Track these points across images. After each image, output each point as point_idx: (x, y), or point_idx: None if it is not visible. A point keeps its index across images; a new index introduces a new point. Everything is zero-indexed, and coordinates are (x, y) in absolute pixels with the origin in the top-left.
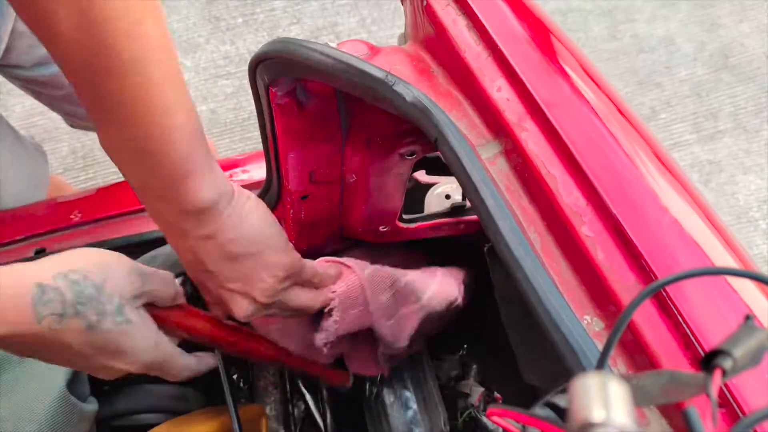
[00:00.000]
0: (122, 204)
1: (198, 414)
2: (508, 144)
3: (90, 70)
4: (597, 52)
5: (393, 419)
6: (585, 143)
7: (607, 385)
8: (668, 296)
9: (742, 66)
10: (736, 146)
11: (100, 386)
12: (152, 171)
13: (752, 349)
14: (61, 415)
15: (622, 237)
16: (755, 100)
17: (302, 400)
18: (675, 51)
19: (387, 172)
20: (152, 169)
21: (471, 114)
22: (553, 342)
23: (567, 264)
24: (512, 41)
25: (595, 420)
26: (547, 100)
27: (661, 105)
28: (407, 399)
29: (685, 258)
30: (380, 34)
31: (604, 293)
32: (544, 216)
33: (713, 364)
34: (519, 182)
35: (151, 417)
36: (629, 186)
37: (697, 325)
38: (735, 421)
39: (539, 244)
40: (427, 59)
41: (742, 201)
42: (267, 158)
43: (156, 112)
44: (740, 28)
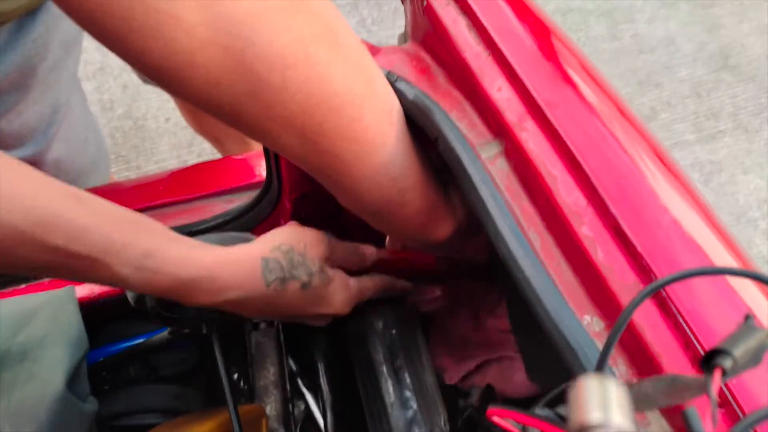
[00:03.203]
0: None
1: (198, 414)
2: (508, 144)
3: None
4: (597, 52)
5: (393, 419)
6: (585, 143)
7: (605, 387)
8: (668, 296)
9: (742, 66)
10: (737, 146)
11: (100, 386)
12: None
13: (752, 348)
14: (60, 414)
15: (622, 237)
16: (755, 100)
17: (302, 400)
18: (675, 51)
19: None
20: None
21: (471, 114)
22: (553, 342)
23: (567, 264)
24: (513, 41)
25: (593, 422)
26: (547, 100)
27: (661, 105)
28: (407, 399)
29: (685, 258)
30: (380, 34)
31: (604, 293)
32: (543, 216)
33: (713, 363)
34: (519, 182)
35: (151, 417)
36: (629, 186)
37: (697, 324)
38: (735, 421)
39: (539, 244)
40: (427, 59)
41: (742, 201)
42: (267, 158)
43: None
44: (740, 29)
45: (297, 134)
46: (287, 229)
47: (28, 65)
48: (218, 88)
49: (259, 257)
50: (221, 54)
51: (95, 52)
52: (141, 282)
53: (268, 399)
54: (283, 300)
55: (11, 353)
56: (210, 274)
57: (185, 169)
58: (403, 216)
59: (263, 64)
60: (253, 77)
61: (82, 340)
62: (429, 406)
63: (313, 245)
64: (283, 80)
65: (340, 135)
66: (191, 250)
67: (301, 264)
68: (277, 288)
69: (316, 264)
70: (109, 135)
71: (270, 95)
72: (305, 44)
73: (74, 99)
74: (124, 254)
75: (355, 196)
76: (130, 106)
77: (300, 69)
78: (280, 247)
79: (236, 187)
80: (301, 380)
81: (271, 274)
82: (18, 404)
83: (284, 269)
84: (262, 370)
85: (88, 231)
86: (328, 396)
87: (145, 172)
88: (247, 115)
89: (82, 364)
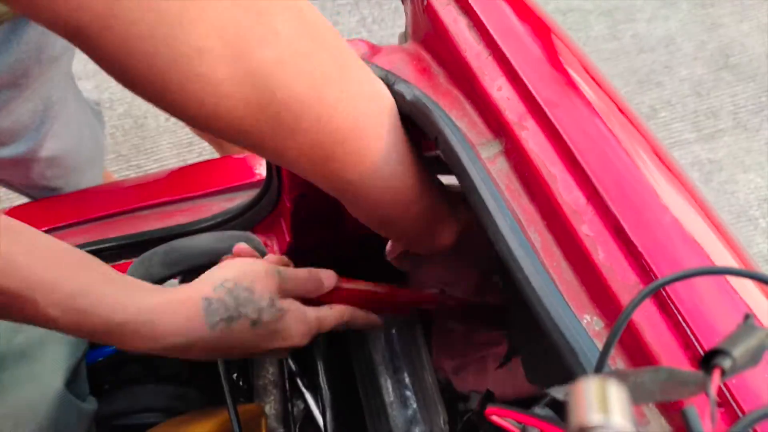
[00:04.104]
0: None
1: (198, 414)
2: (508, 143)
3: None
4: (597, 51)
5: (393, 418)
6: (585, 142)
7: (606, 388)
8: (668, 296)
9: (742, 65)
10: (737, 145)
11: (99, 386)
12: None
13: (752, 348)
14: (60, 414)
15: (622, 236)
16: (755, 99)
17: (302, 399)
18: (675, 50)
19: None
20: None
21: (471, 113)
22: (552, 342)
23: (567, 263)
24: (513, 41)
25: (593, 423)
26: (547, 99)
27: (661, 104)
28: (407, 398)
29: (686, 257)
30: (381, 34)
31: (604, 293)
32: (544, 215)
33: (713, 363)
34: (519, 182)
35: (151, 416)
36: (630, 185)
37: (697, 324)
38: (734, 421)
39: (539, 243)
40: (428, 58)
41: (742, 200)
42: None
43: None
44: (740, 28)
45: (309, 161)
46: (231, 265)
47: (20, 66)
48: (242, 123)
49: (200, 298)
50: (243, 104)
51: None
52: (70, 324)
53: (267, 398)
54: (232, 340)
55: (11, 353)
56: (145, 318)
57: (185, 168)
58: (408, 224)
59: (282, 108)
60: (271, 119)
61: (82, 339)
62: (428, 406)
63: (260, 278)
64: (297, 120)
65: (348, 161)
66: (126, 291)
67: (248, 300)
68: (223, 329)
69: (265, 298)
70: (110, 134)
71: (286, 131)
72: (318, 86)
73: (68, 96)
74: (52, 293)
75: (362, 209)
76: (130, 105)
77: (313, 109)
78: (224, 284)
79: (236, 186)
80: (300, 380)
81: (214, 315)
82: (18, 404)
83: (229, 308)
84: (261, 370)
85: (15, 266)
86: (327, 395)
87: (145, 171)
88: (263, 144)
89: (82, 363)
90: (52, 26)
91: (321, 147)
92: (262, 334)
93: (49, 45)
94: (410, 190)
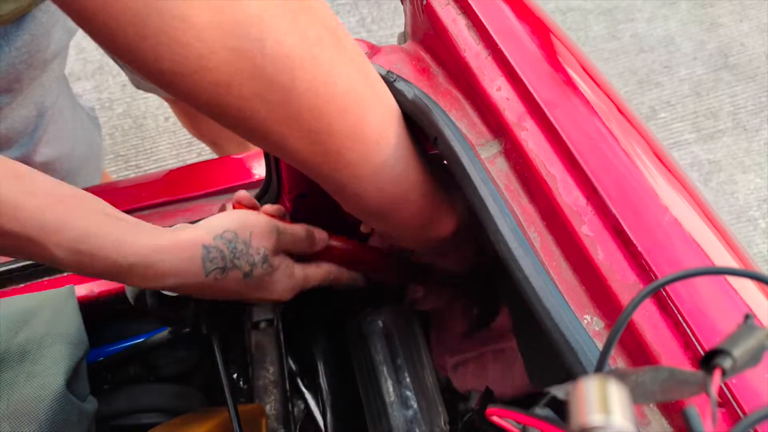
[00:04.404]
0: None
1: (198, 413)
2: (507, 143)
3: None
4: (597, 51)
5: (393, 418)
6: (585, 143)
7: (607, 388)
8: (668, 296)
9: (741, 65)
10: (736, 145)
11: (99, 385)
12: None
13: (752, 348)
14: (60, 414)
15: (622, 236)
16: (755, 100)
17: (302, 399)
18: (675, 50)
19: None
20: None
21: (471, 113)
22: (553, 342)
23: (567, 263)
24: (512, 40)
25: (594, 423)
26: (547, 99)
27: (660, 104)
28: (407, 398)
29: (686, 257)
30: (380, 34)
31: (604, 293)
32: (543, 215)
33: (713, 363)
34: (519, 182)
35: (151, 416)
36: (629, 185)
37: (697, 324)
38: (735, 421)
39: (539, 243)
40: (427, 58)
41: (741, 200)
42: (266, 157)
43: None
44: (740, 28)
45: (303, 136)
46: (234, 215)
47: (12, 71)
48: (228, 90)
49: (200, 245)
50: (232, 56)
51: (95, 52)
52: (76, 264)
53: (267, 398)
54: (223, 286)
55: (11, 353)
56: (147, 261)
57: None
58: (404, 216)
59: (272, 64)
60: (262, 78)
61: (82, 339)
62: (429, 406)
63: (258, 234)
64: (292, 80)
65: (345, 135)
66: (129, 233)
67: (243, 254)
68: (216, 276)
69: (260, 253)
70: (109, 134)
71: (278, 96)
72: (310, 45)
73: (62, 102)
74: (58, 235)
75: (357, 198)
76: (129, 105)
77: (307, 69)
78: (224, 234)
79: (235, 186)
80: (300, 380)
81: (211, 263)
82: (18, 404)
83: (225, 259)
84: (261, 370)
85: (22, 209)
86: (327, 395)
87: (144, 171)
88: (254, 119)
89: (82, 363)
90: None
91: (317, 117)
92: (251, 285)
93: (40, 50)
94: (412, 181)
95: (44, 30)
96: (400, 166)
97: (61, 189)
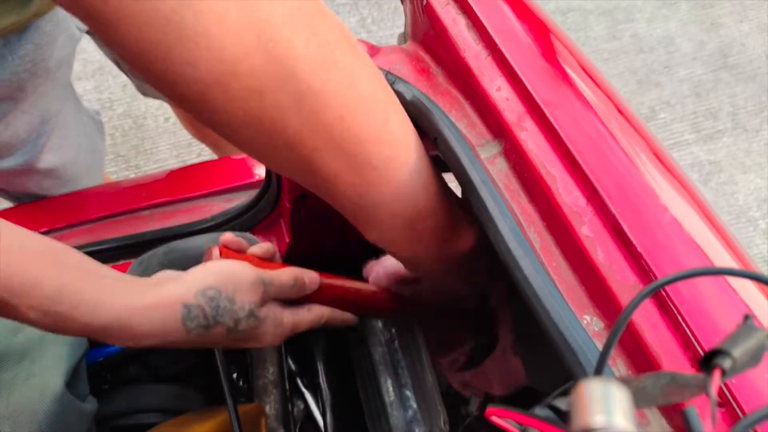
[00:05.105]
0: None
1: (198, 413)
2: (507, 144)
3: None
4: (597, 51)
5: (393, 418)
6: (585, 143)
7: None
8: (668, 296)
9: (741, 65)
10: (736, 146)
11: (99, 386)
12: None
13: (752, 348)
14: (60, 414)
15: (622, 237)
16: (755, 100)
17: (302, 399)
18: (675, 51)
19: None
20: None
21: (470, 114)
22: (552, 342)
23: (567, 264)
24: (512, 41)
25: (596, 425)
26: (546, 99)
27: (660, 104)
28: (407, 398)
29: (685, 258)
30: (380, 34)
31: (604, 293)
32: (543, 216)
33: (713, 364)
34: (518, 182)
35: (151, 416)
36: (629, 186)
37: (696, 325)
38: (735, 421)
39: (539, 244)
40: (427, 59)
41: (741, 201)
42: None
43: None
44: (740, 28)
45: (335, 146)
46: (218, 267)
47: (16, 80)
48: (262, 98)
49: (180, 303)
50: (266, 60)
51: (95, 52)
52: (51, 326)
53: (267, 398)
54: (207, 342)
55: (11, 353)
56: (123, 323)
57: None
58: (431, 227)
59: (304, 67)
60: (296, 82)
61: (82, 339)
62: (429, 406)
63: (243, 289)
64: (322, 84)
65: (375, 139)
66: (105, 293)
67: (227, 310)
68: (199, 334)
69: (245, 309)
70: (109, 134)
71: (311, 102)
72: (331, 48)
73: (66, 109)
74: (30, 296)
75: (386, 213)
76: (129, 105)
77: (332, 72)
78: (206, 291)
79: (235, 186)
80: (300, 380)
81: (192, 322)
82: (17, 404)
83: (208, 317)
84: (261, 370)
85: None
86: (327, 395)
87: (144, 171)
88: (289, 129)
89: (82, 363)
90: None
91: (349, 123)
92: (238, 338)
93: (44, 59)
94: (434, 189)
95: (48, 39)
96: (424, 170)
97: (35, 243)
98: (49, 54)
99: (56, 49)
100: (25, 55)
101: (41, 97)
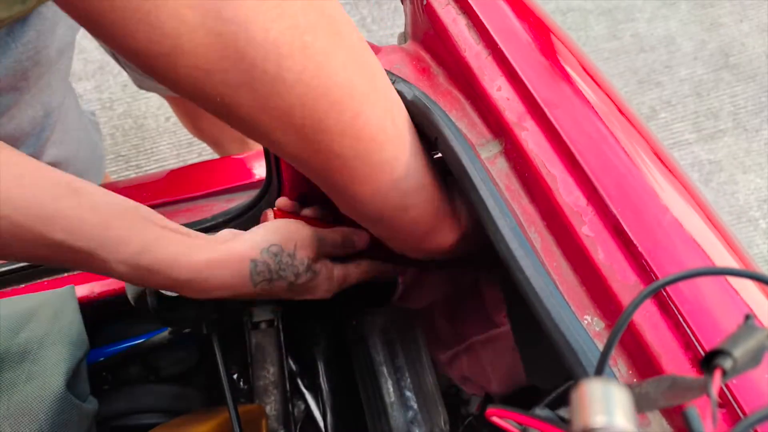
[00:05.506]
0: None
1: (198, 414)
2: (508, 143)
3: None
4: (597, 51)
5: (393, 419)
6: (585, 143)
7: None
8: (669, 296)
9: (742, 65)
10: (737, 146)
11: (100, 386)
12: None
13: (752, 349)
14: (60, 414)
15: (622, 237)
16: (755, 100)
17: (302, 399)
18: (675, 50)
19: None
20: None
21: (471, 113)
22: (553, 342)
23: (567, 264)
24: (512, 40)
25: (596, 425)
26: (547, 99)
27: (661, 104)
28: (407, 399)
29: (686, 258)
30: (380, 34)
31: (605, 293)
32: (544, 216)
33: (713, 364)
34: (519, 182)
35: (152, 417)
36: (630, 185)
37: (697, 325)
38: (736, 422)
39: (539, 243)
40: (427, 58)
41: (742, 200)
42: (267, 156)
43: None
44: (740, 28)
45: (295, 130)
46: (278, 226)
47: (19, 69)
48: (209, 77)
49: (248, 259)
50: (211, 39)
51: (95, 52)
52: (136, 279)
53: (267, 399)
54: (270, 293)
55: (11, 353)
56: (201, 276)
57: (185, 168)
58: (405, 222)
59: (257, 51)
60: (246, 66)
61: (82, 339)
62: (429, 406)
63: (302, 246)
64: (279, 70)
65: (340, 131)
66: (184, 247)
67: (289, 265)
68: (263, 287)
69: (303, 264)
70: (109, 134)
71: (265, 86)
72: (301, 32)
73: (67, 102)
74: (119, 251)
75: (354, 201)
76: (130, 105)
77: (297, 58)
78: (270, 248)
79: (236, 186)
80: (301, 380)
81: (258, 276)
82: (18, 404)
83: (272, 271)
84: (262, 370)
85: (84, 225)
86: (328, 396)
87: (144, 171)
88: (240, 108)
89: (82, 364)
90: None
91: (310, 111)
92: (295, 290)
93: (46, 45)
94: (414, 185)
95: (49, 25)
96: (403, 167)
97: (117, 202)
98: (51, 41)
99: (57, 37)
100: (28, 42)
101: (44, 88)
